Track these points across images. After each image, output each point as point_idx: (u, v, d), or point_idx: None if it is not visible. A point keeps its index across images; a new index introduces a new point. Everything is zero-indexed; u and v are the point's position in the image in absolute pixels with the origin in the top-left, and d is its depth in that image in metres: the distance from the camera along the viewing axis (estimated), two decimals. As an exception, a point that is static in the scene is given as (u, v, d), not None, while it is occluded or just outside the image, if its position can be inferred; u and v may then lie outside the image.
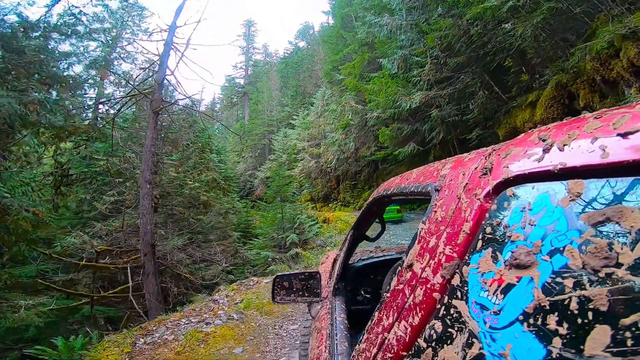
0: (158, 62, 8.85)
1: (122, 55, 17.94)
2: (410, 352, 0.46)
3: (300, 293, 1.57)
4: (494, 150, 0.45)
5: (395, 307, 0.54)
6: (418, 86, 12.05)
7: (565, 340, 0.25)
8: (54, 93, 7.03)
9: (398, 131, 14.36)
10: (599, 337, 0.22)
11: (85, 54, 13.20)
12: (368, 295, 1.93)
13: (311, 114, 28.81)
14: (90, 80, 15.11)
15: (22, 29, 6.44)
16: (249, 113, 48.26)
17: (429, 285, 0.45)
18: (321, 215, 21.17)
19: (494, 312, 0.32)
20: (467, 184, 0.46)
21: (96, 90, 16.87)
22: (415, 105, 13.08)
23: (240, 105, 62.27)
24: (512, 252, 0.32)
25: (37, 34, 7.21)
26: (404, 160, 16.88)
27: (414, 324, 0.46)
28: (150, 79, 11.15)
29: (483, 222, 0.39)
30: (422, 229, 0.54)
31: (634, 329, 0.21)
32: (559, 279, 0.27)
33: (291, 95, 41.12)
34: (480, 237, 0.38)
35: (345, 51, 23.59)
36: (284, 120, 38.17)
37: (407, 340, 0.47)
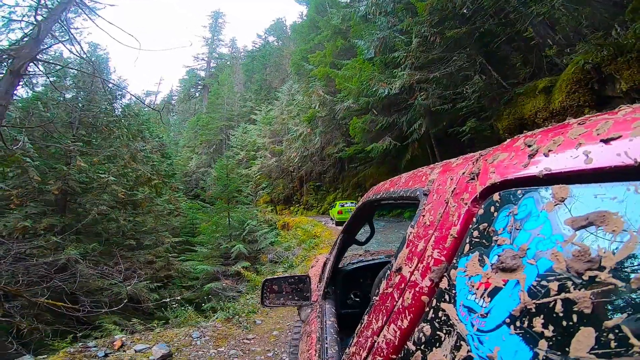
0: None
1: None
2: (399, 355, 0.45)
3: (290, 296, 1.55)
4: (481, 155, 0.45)
5: (384, 311, 0.53)
6: (400, 69, 10.07)
7: (551, 343, 0.25)
8: None
9: (372, 124, 12.20)
10: (584, 339, 0.23)
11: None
12: (358, 299, 1.88)
13: (275, 108, 26.06)
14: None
15: None
16: (207, 106, 44.01)
17: (417, 289, 0.45)
18: (280, 220, 18.33)
19: (481, 315, 0.32)
20: (455, 188, 0.46)
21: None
22: (394, 92, 11.06)
23: (199, 99, 57.50)
24: (499, 256, 0.32)
25: None
26: (375, 159, 14.81)
27: (403, 327, 0.46)
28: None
29: (470, 226, 0.39)
30: (410, 232, 0.54)
31: (616, 330, 0.21)
32: (544, 282, 0.27)
33: (255, 90, 37.93)
34: (467, 241, 0.38)
35: (317, 39, 21.30)
36: (245, 115, 34.84)
37: (396, 344, 0.46)
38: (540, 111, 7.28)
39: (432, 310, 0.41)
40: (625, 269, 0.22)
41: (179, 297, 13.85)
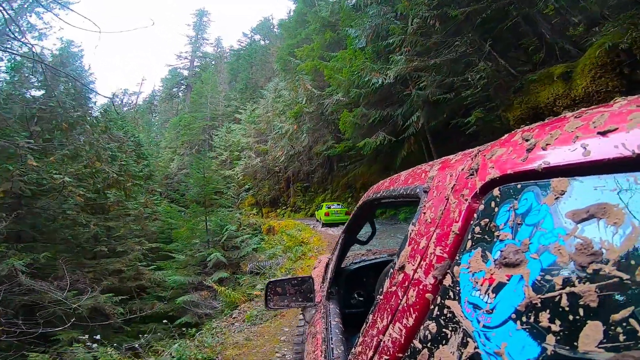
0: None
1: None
2: (406, 354, 0.45)
3: (294, 298, 1.55)
4: (480, 151, 0.45)
5: (389, 309, 0.53)
6: (396, 54, 9.07)
7: (558, 337, 0.25)
8: None
9: (363, 117, 11.12)
10: (592, 333, 0.22)
11: None
12: (361, 298, 1.86)
13: (260, 107, 24.72)
14: None
15: None
16: (189, 105, 42.10)
17: (421, 287, 0.45)
18: (266, 223, 16.99)
19: (486, 311, 0.32)
20: (454, 185, 0.46)
21: None
22: (389, 82, 10.05)
23: (182, 98, 55.31)
24: (501, 251, 0.32)
25: None
26: (367, 157, 13.77)
27: (408, 325, 0.45)
28: None
29: (472, 222, 0.39)
30: (412, 230, 0.53)
31: (624, 324, 0.21)
32: (548, 277, 0.27)
33: (240, 89, 36.39)
34: (469, 237, 0.38)
35: (304, 33, 20.18)
36: (229, 115, 33.23)
37: (402, 342, 0.46)
38: (559, 98, 6.39)
39: (436, 308, 0.40)
40: (629, 261, 0.22)
41: (149, 311, 12.27)
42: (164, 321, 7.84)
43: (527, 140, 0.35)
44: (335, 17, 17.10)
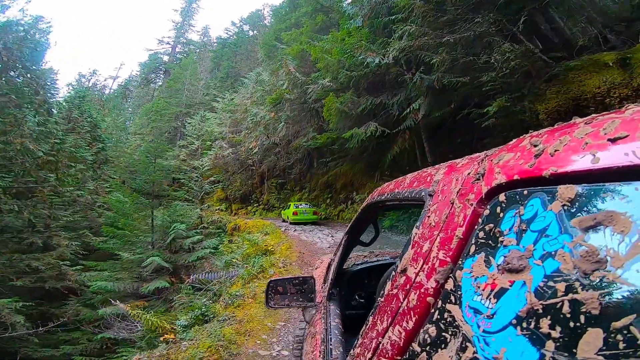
0: None
1: None
2: (404, 357, 0.44)
3: (295, 298, 1.51)
4: (487, 155, 0.44)
5: (389, 312, 0.52)
6: (400, 28, 7.30)
7: (558, 344, 0.24)
8: None
9: (352, 105, 9.24)
10: (592, 340, 0.22)
11: None
12: (362, 300, 1.78)
13: (240, 96, 22.27)
14: None
15: None
16: (164, 90, 38.59)
17: (422, 290, 0.44)
18: (232, 222, 14.59)
19: (487, 316, 0.31)
20: (460, 189, 0.45)
21: None
22: (386, 63, 8.26)
23: (161, 85, 51.18)
24: (505, 257, 0.32)
25: None
26: (351, 153, 11.89)
27: (408, 328, 0.45)
28: None
29: (476, 227, 0.38)
30: (415, 233, 0.52)
31: (625, 332, 0.21)
32: (551, 283, 0.26)
33: (221, 78, 33.58)
34: (473, 241, 0.37)
35: (294, 18, 18.15)
36: (207, 104, 30.39)
37: (401, 345, 0.45)
38: (616, 87, 4.84)
39: (437, 312, 0.39)
40: (634, 270, 0.22)
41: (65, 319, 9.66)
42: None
43: (535, 146, 0.34)
44: (330, 1, 15.27)
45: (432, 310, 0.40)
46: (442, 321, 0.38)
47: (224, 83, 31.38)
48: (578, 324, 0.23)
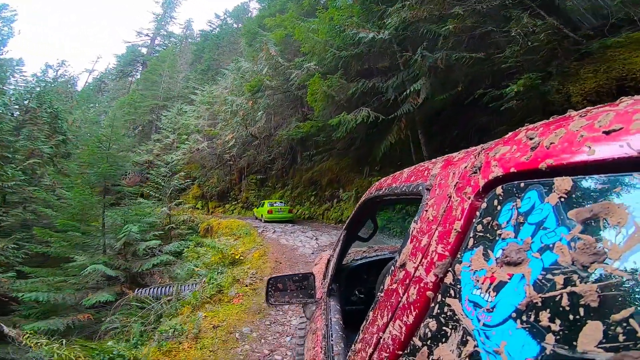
0: None
1: None
2: (405, 351, 0.44)
3: (295, 294, 1.50)
4: (483, 149, 0.44)
5: (389, 307, 0.51)
6: (398, 3, 6.07)
7: (558, 337, 0.24)
8: None
9: (341, 89, 7.97)
10: (591, 332, 0.22)
11: None
12: (362, 296, 1.75)
13: (219, 88, 20.47)
14: None
15: None
16: (139, 82, 35.91)
17: (422, 284, 0.43)
18: (205, 222, 12.91)
19: (487, 309, 0.31)
20: (457, 182, 0.44)
21: None
22: (383, 38, 7.02)
23: (138, 78, 47.95)
24: (503, 250, 0.31)
25: None
26: (339, 145, 10.60)
27: (408, 322, 0.44)
28: None
29: (474, 220, 0.37)
30: (414, 228, 0.52)
31: (624, 324, 0.21)
32: (549, 276, 0.26)
33: (202, 70, 31.42)
34: (471, 235, 0.37)
35: (280, 3, 16.70)
36: (186, 97, 28.28)
37: (402, 339, 0.45)
38: None
39: (437, 306, 0.39)
40: (632, 261, 0.21)
41: None
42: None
43: (531, 139, 0.34)
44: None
45: (432, 305, 0.40)
46: (442, 315, 0.37)
47: (205, 76, 29.30)
48: (577, 317, 0.23)
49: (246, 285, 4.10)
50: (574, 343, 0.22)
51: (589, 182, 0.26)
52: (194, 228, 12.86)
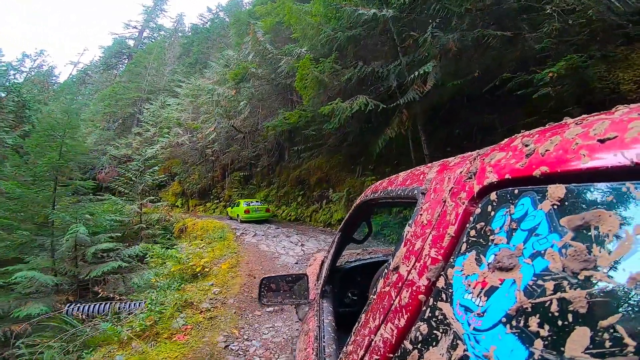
0: None
1: None
2: (396, 354, 0.43)
3: (288, 295, 1.46)
4: (479, 154, 0.44)
5: (381, 309, 0.51)
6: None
7: (546, 342, 0.24)
8: None
9: (334, 75, 6.97)
10: (579, 338, 0.22)
11: None
12: (355, 298, 1.70)
13: (205, 80, 19.14)
14: None
15: None
16: (123, 73, 33.95)
17: (414, 288, 0.43)
18: (181, 221, 11.57)
19: (477, 314, 0.31)
20: (452, 187, 0.44)
21: None
22: (385, 16, 6.07)
23: (123, 70, 45.64)
24: (495, 255, 0.31)
25: None
26: (330, 141, 9.56)
27: (400, 326, 0.44)
28: None
29: (467, 225, 0.37)
30: (408, 231, 0.51)
31: (611, 330, 0.21)
32: (540, 282, 0.26)
33: (189, 63, 29.84)
34: (464, 240, 0.37)
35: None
36: (171, 90, 26.71)
37: (393, 342, 0.44)
38: None
39: (429, 309, 0.39)
40: (621, 269, 0.22)
41: None
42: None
43: (526, 146, 0.33)
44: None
45: (424, 308, 0.39)
46: (434, 319, 0.37)
47: (192, 69, 27.73)
48: (566, 323, 0.23)
49: (201, 312, 2.97)
50: (562, 349, 0.22)
51: (582, 190, 0.26)
52: (168, 228, 11.51)
